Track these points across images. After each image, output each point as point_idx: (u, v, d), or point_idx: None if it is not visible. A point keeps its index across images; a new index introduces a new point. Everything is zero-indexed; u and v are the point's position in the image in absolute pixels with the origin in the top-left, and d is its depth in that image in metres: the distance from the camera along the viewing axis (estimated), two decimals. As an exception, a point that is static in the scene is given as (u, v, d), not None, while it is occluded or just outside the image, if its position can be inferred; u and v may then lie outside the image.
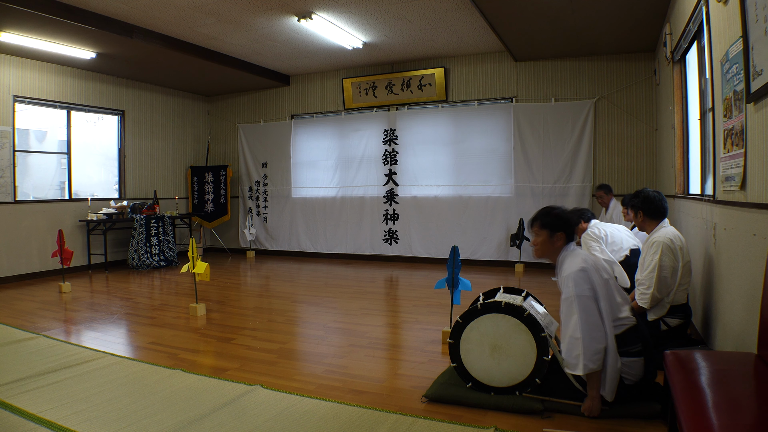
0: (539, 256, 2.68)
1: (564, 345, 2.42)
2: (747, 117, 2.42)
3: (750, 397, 1.70)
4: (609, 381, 2.38)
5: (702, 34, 3.62)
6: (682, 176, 4.83)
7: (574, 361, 2.37)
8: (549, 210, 2.63)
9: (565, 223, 2.59)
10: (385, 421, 2.43)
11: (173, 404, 2.65)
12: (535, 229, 2.65)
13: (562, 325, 2.46)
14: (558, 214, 2.60)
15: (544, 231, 2.60)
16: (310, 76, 8.64)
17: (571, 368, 2.38)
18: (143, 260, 7.61)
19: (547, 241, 2.60)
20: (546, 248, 2.61)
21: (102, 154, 8.12)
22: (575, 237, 2.64)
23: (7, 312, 4.89)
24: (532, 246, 2.70)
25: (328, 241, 8.56)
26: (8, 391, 2.84)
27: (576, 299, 2.38)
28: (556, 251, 2.60)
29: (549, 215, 2.60)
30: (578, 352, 2.34)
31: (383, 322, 4.50)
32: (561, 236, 2.57)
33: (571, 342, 2.37)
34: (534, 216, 2.68)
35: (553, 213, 2.60)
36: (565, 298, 2.43)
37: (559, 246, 2.59)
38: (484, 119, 7.48)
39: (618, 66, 6.79)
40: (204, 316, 4.68)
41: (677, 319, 3.08)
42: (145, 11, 5.48)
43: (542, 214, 2.63)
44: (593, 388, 2.39)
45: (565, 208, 2.68)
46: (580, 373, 2.34)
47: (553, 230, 2.57)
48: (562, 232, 2.57)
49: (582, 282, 2.40)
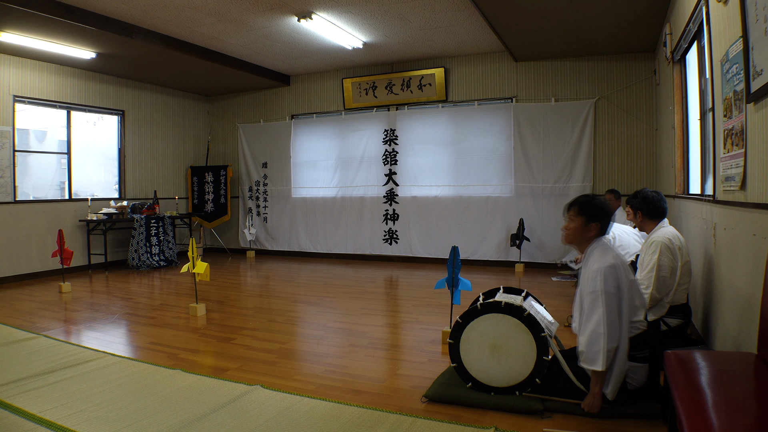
0: (568, 242, 2.63)
1: (584, 338, 2.38)
2: (747, 117, 2.42)
3: (750, 397, 1.71)
4: (613, 380, 2.37)
5: (702, 34, 3.62)
6: (682, 176, 4.83)
7: (593, 356, 2.33)
8: (590, 198, 2.59)
9: (603, 215, 2.54)
10: (385, 421, 2.43)
11: (173, 404, 2.65)
12: (570, 214, 2.59)
13: (584, 318, 2.42)
14: (599, 204, 2.55)
15: (580, 217, 2.55)
16: (310, 76, 8.64)
17: (589, 362, 2.35)
18: (143, 260, 7.61)
19: (580, 228, 2.55)
20: (577, 235, 2.57)
21: (102, 154, 8.12)
22: (608, 231, 2.60)
23: (7, 312, 4.89)
24: (563, 230, 2.65)
25: (328, 241, 8.56)
26: (8, 391, 2.84)
27: (603, 294, 2.35)
28: (586, 241, 2.56)
29: (589, 204, 2.55)
30: (600, 347, 2.31)
31: (383, 322, 4.50)
32: (595, 227, 2.53)
33: (593, 336, 2.34)
34: (573, 200, 2.62)
35: (594, 202, 2.55)
36: (591, 292, 2.39)
37: (591, 236, 2.55)
38: (484, 119, 7.48)
39: (618, 66, 6.79)
40: (204, 316, 4.68)
41: (677, 319, 3.08)
42: (145, 11, 5.48)
43: (582, 201, 2.58)
44: (596, 385, 2.38)
45: (601, 200, 2.61)
46: (599, 368, 2.31)
47: (590, 219, 2.53)
48: (597, 222, 2.53)
49: (611, 279, 2.37)
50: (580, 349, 2.42)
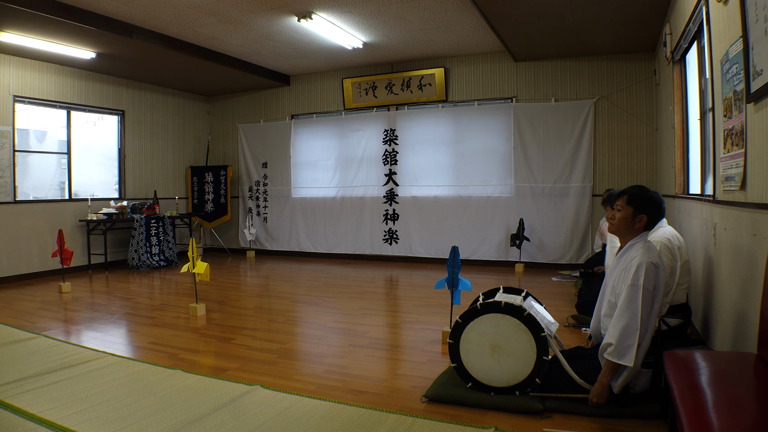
0: (613, 231, 2.62)
1: (616, 330, 2.34)
2: (747, 117, 2.42)
3: (750, 397, 1.71)
4: (625, 375, 2.36)
5: (702, 34, 3.62)
6: (682, 176, 4.83)
7: (624, 350, 2.30)
8: (642, 189, 2.56)
9: (652, 208, 2.51)
10: (385, 421, 2.43)
11: (173, 404, 2.65)
12: (620, 203, 2.57)
13: (619, 309, 2.38)
14: (650, 197, 2.52)
15: (629, 207, 2.53)
16: (310, 76, 8.64)
17: (618, 356, 2.31)
18: (143, 260, 7.61)
19: (628, 218, 2.52)
20: (623, 225, 2.54)
21: (102, 154, 8.12)
22: (654, 227, 2.57)
23: (7, 312, 4.89)
24: (609, 220, 2.64)
25: (328, 241, 8.56)
26: (8, 391, 2.84)
27: (642, 290, 2.33)
28: (632, 232, 2.54)
29: (641, 195, 2.52)
30: (632, 342, 2.29)
31: (383, 322, 4.50)
32: (643, 218, 2.51)
33: (627, 330, 2.31)
34: (625, 189, 2.61)
35: (646, 194, 2.53)
36: (632, 285, 2.36)
37: (638, 228, 2.52)
38: (484, 119, 7.48)
39: (618, 66, 6.79)
40: (204, 316, 4.68)
41: (677, 319, 3.09)
42: (145, 11, 5.49)
43: (634, 191, 2.56)
44: (608, 376, 2.37)
45: (657, 194, 2.58)
46: (629, 363, 2.28)
47: (639, 210, 2.51)
48: (645, 215, 2.51)
49: (652, 276, 2.36)
50: (608, 341, 2.37)
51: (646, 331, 2.36)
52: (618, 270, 2.52)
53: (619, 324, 2.35)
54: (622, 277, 2.45)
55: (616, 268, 2.57)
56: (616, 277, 2.52)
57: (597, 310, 2.74)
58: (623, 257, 2.53)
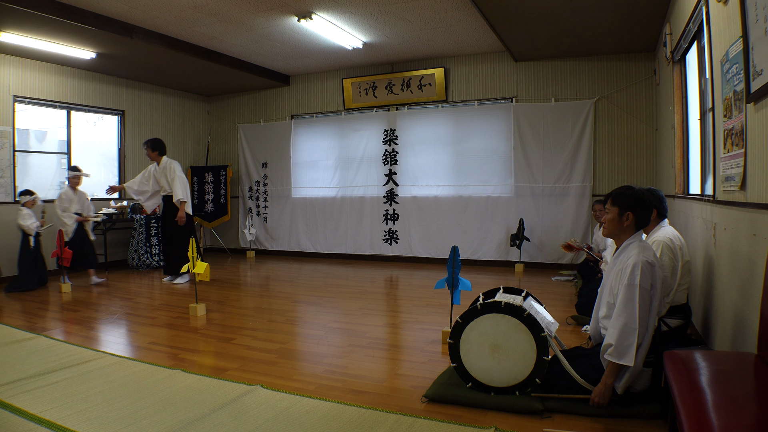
0: (606, 234, 2.65)
1: (615, 330, 2.35)
2: (747, 117, 2.42)
3: (750, 397, 1.70)
4: (627, 376, 2.37)
5: (702, 34, 3.62)
6: (682, 176, 4.83)
7: (624, 350, 2.31)
8: (625, 188, 2.59)
9: (637, 205, 2.52)
10: (385, 421, 2.43)
11: (173, 404, 2.65)
12: (607, 206, 2.62)
13: (617, 309, 2.40)
14: (633, 195, 2.54)
15: (614, 207, 2.56)
16: (310, 76, 8.64)
17: (618, 356, 2.32)
18: (143, 260, 7.61)
19: (615, 218, 2.55)
20: (614, 226, 2.57)
21: (102, 154, 8.11)
22: (647, 222, 2.59)
23: (7, 312, 4.89)
24: (602, 223, 2.68)
25: (328, 241, 8.56)
26: (8, 391, 2.84)
27: (639, 289, 2.35)
28: (624, 231, 2.55)
29: (624, 194, 2.55)
30: (631, 341, 2.30)
31: (383, 322, 4.50)
32: (629, 216, 2.53)
33: (626, 330, 2.32)
34: (611, 192, 2.65)
35: (628, 192, 2.55)
36: (628, 284, 2.38)
37: (627, 227, 2.54)
38: (484, 119, 7.48)
39: (618, 66, 6.79)
40: (204, 316, 4.68)
41: (677, 320, 3.08)
42: (145, 11, 5.48)
43: (618, 191, 2.60)
44: (611, 376, 2.37)
45: (643, 190, 2.60)
46: (629, 363, 2.29)
47: (624, 209, 2.53)
48: (631, 212, 2.52)
49: (648, 275, 2.38)
50: (608, 341, 2.38)
51: (646, 330, 2.36)
52: (614, 271, 2.53)
53: (618, 324, 2.36)
54: (619, 277, 2.46)
55: (612, 269, 2.57)
56: (613, 278, 2.52)
57: (595, 312, 2.75)
58: (619, 258, 2.54)
